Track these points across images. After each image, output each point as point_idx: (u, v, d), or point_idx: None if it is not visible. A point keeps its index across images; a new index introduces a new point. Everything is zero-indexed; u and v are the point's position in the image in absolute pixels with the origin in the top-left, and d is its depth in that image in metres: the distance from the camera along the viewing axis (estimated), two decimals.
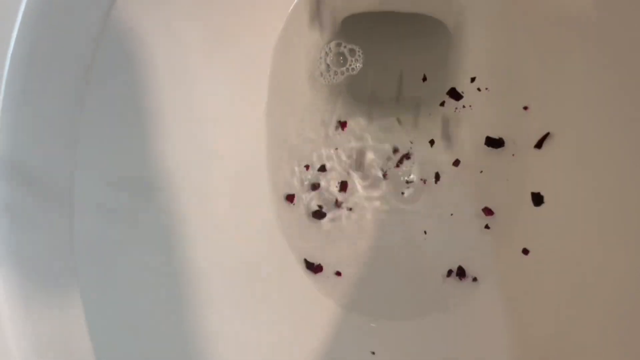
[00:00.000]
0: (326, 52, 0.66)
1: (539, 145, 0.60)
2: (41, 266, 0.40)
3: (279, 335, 0.58)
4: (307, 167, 0.64)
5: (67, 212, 0.43)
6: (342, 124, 0.66)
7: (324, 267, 0.62)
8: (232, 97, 0.62)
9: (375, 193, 0.65)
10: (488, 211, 0.62)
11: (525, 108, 0.61)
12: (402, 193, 0.65)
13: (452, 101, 0.65)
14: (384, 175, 0.65)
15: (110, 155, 0.50)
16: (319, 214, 0.63)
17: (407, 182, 0.65)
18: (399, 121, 0.67)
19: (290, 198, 0.63)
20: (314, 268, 0.61)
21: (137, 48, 0.53)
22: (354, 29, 0.69)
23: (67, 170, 0.43)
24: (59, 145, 0.44)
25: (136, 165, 0.53)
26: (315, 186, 0.64)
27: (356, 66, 0.66)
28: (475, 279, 0.60)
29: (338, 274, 0.62)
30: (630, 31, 0.54)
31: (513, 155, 0.62)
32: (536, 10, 0.61)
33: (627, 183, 0.54)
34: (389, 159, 0.66)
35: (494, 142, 0.62)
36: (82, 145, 0.45)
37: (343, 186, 0.65)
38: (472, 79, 0.64)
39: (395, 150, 0.66)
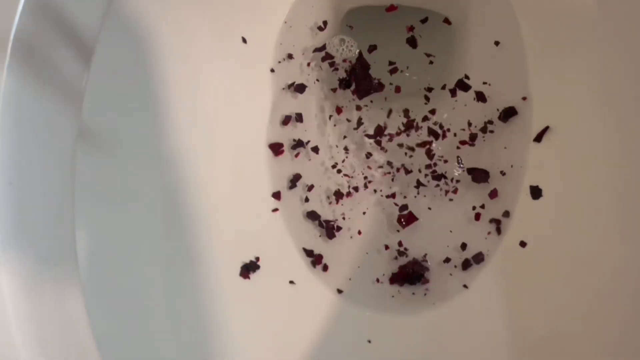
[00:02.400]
0: (328, 44, 0.66)
1: (538, 138, 0.60)
2: (43, 253, 0.40)
3: (276, 323, 0.59)
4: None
5: (69, 195, 0.43)
6: (338, 110, 0.66)
7: (323, 256, 0.62)
8: (235, 88, 0.62)
9: (373, 184, 0.65)
10: (494, 193, 0.62)
11: (524, 98, 0.61)
12: (400, 186, 0.65)
13: (450, 96, 0.65)
14: (383, 167, 0.66)
15: (111, 140, 0.51)
16: (313, 215, 0.63)
17: (407, 170, 0.65)
18: (400, 113, 0.68)
19: (276, 195, 0.63)
20: (314, 256, 0.62)
21: (142, 37, 0.54)
22: (356, 21, 0.69)
23: (67, 154, 0.44)
24: (60, 130, 0.44)
25: (136, 151, 0.54)
26: (310, 187, 0.64)
27: (356, 56, 0.66)
28: (471, 265, 0.61)
29: (325, 268, 0.62)
30: (630, 28, 0.54)
31: (505, 148, 0.62)
32: (539, 6, 0.61)
33: (625, 177, 0.54)
34: (379, 151, 0.66)
35: (509, 113, 0.62)
36: (85, 129, 0.45)
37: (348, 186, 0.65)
38: (466, 77, 0.64)
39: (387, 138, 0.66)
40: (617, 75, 0.56)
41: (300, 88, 0.65)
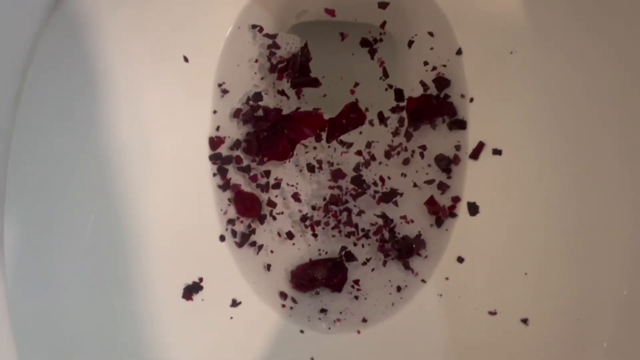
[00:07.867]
0: (280, 36, 0.66)
1: (474, 155, 0.62)
2: None
3: (220, 344, 0.59)
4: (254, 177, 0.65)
5: None
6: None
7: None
8: (178, 101, 0.62)
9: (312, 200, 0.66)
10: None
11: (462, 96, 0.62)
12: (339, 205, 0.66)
13: (394, 115, 0.66)
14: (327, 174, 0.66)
15: (45, 152, 0.51)
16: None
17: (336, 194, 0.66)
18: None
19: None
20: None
21: (81, 50, 0.54)
22: (301, 37, 0.69)
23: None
24: None
25: (73, 168, 0.53)
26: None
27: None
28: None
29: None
30: (565, 46, 0.56)
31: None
32: (477, 24, 0.62)
33: (560, 194, 0.57)
34: (319, 161, 0.67)
35: (458, 124, 0.63)
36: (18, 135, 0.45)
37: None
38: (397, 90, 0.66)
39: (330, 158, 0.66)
40: (551, 96, 0.58)
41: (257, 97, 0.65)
